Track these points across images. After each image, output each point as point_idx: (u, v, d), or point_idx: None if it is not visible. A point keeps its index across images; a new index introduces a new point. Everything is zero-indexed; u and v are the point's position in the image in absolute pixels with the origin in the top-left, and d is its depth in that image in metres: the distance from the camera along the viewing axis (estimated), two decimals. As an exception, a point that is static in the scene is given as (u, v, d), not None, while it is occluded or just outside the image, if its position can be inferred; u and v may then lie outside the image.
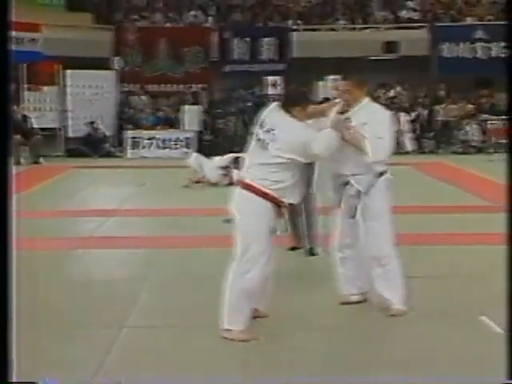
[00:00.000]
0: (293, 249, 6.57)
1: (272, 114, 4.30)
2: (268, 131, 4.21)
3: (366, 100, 4.75)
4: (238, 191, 4.29)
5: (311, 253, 6.42)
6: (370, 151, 4.46)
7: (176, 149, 17.28)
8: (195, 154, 12.45)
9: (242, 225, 4.22)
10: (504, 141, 16.90)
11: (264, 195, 4.16)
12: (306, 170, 5.78)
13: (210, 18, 20.74)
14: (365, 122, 4.54)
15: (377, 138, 4.49)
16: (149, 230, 8.08)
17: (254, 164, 4.25)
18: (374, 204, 4.62)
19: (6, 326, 2.60)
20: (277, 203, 4.21)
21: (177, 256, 6.66)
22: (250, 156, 4.31)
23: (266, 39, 19.29)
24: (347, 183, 4.65)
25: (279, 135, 4.17)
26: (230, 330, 4.24)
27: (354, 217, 4.65)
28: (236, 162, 11.74)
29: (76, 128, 17.74)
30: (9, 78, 2.71)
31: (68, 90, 17.65)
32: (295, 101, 4.30)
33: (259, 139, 4.26)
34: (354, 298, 4.89)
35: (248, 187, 4.20)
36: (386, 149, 4.58)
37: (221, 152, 13.08)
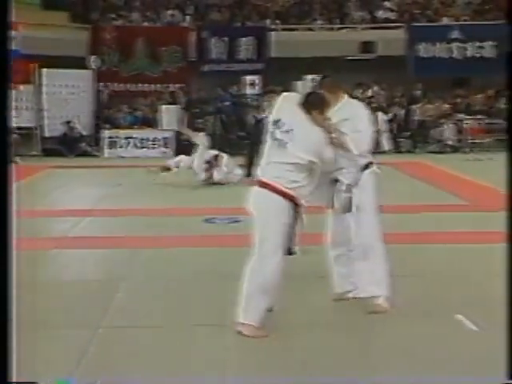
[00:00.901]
0: None
1: (291, 115, 4.34)
2: (287, 131, 4.27)
3: (346, 98, 4.79)
4: (255, 190, 4.34)
5: (289, 252, 6.42)
6: (353, 145, 4.53)
7: (154, 148, 17.20)
8: (179, 157, 12.35)
9: (259, 221, 4.28)
10: (479, 140, 17.10)
11: (282, 193, 4.23)
12: None
13: (187, 18, 20.68)
14: (346, 117, 4.64)
15: (357, 132, 4.54)
16: (125, 230, 8.00)
17: (271, 163, 4.30)
18: (360, 196, 4.69)
19: (6, 326, 2.61)
20: (294, 202, 4.28)
21: (153, 256, 6.60)
22: (267, 155, 4.35)
23: (244, 39, 19.29)
24: (336, 180, 4.67)
25: (299, 135, 4.25)
26: (244, 325, 4.28)
27: (349, 210, 4.70)
28: (216, 160, 11.74)
29: (52, 127, 17.57)
30: (9, 78, 2.74)
31: (44, 89, 17.48)
32: (316, 105, 4.36)
33: (276, 139, 4.31)
34: (348, 295, 4.91)
35: (265, 185, 4.26)
36: (366, 141, 4.69)
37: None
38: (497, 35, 19.50)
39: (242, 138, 16.18)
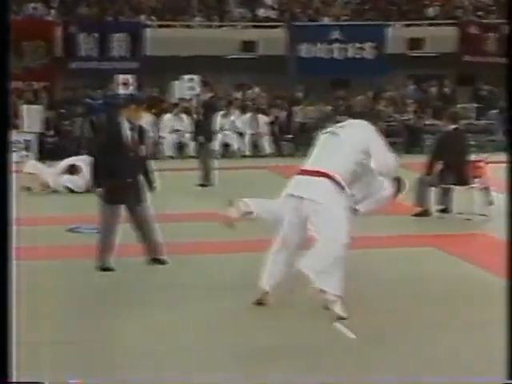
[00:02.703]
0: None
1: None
2: (342, 127, 5.20)
3: None
4: (311, 179, 5.01)
5: (158, 261, 6.39)
6: None
7: (14, 152, 16.37)
8: (32, 162, 12.18)
9: (328, 208, 4.86)
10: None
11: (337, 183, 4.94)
12: (133, 186, 5.75)
13: (52, 11, 19.95)
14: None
15: None
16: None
17: (325, 156, 5.08)
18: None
19: (6, 326, 2.70)
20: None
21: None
22: (320, 149, 5.18)
23: (116, 35, 18.86)
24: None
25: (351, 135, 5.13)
26: (324, 292, 4.76)
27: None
28: (73, 169, 11.40)
29: None
30: (8, 75, 2.88)
31: None
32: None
33: (333, 133, 5.18)
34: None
35: (323, 175, 4.95)
36: None
37: (65, 155, 12.66)
38: (376, 36, 20.24)
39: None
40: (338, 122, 19.33)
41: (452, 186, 8.87)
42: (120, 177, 6.23)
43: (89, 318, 4.97)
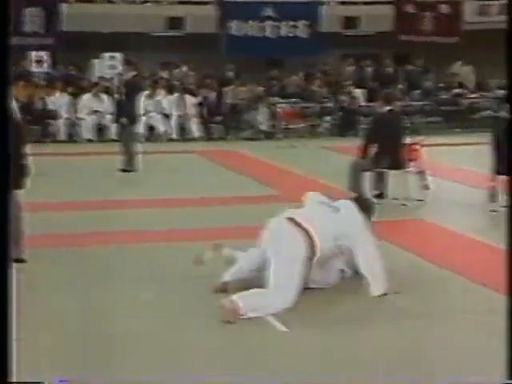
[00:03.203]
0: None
1: None
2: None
3: None
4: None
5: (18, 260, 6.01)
6: None
7: None
8: None
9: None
10: (293, 126, 17.63)
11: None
12: None
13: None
14: None
15: None
16: None
17: None
18: None
19: (7, 325, 2.82)
20: None
21: None
22: None
23: (28, 9, 18.24)
24: None
25: None
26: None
27: None
28: None
29: None
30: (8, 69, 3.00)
31: None
32: None
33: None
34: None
35: None
36: None
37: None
38: (310, 14, 20.26)
39: (29, 122, 15.28)
40: (271, 103, 19.12)
41: (387, 170, 8.91)
42: None
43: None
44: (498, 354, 3.94)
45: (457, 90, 19.49)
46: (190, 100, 17.50)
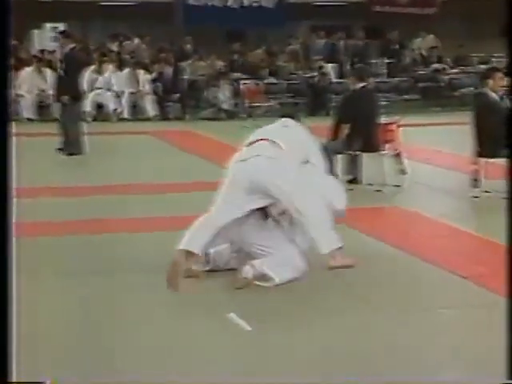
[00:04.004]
0: None
1: None
2: None
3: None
4: None
5: None
6: None
7: None
8: None
9: None
10: (258, 104, 17.58)
11: None
12: None
13: None
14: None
15: None
16: None
17: None
18: None
19: (7, 325, 2.99)
20: None
21: None
22: None
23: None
24: None
25: None
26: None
27: None
28: None
29: None
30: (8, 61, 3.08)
31: None
32: None
33: None
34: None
35: None
36: None
37: None
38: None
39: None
40: (234, 79, 19.15)
41: (360, 153, 8.90)
42: None
43: None
44: (478, 351, 4.00)
45: (435, 65, 19.63)
46: (143, 76, 17.35)
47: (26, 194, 8.09)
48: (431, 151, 11.77)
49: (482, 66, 16.75)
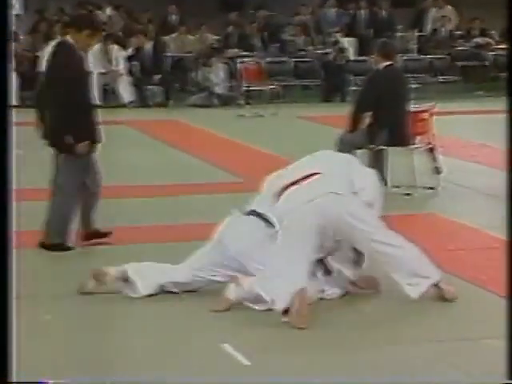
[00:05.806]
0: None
1: None
2: None
3: None
4: None
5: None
6: None
7: None
8: None
9: None
10: (259, 87, 17.60)
11: None
12: None
13: None
14: None
15: None
16: None
17: None
18: None
19: (7, 325, 3.46)
20: None
21: None
22: None
23: None
24: None
25: None
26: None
27: None
28: None
29: None
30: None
31: None
32: None
33: None
34: None
35: None
36: None
37: None
38: None
39: None
40: (229, 57, 19.21)
41: (385, 148, 8.94)
42: None
43: None
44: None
45: (478, 40, 19.63)
46: (117, 52, 17.38)
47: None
48: (475, 146, 11.77)
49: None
